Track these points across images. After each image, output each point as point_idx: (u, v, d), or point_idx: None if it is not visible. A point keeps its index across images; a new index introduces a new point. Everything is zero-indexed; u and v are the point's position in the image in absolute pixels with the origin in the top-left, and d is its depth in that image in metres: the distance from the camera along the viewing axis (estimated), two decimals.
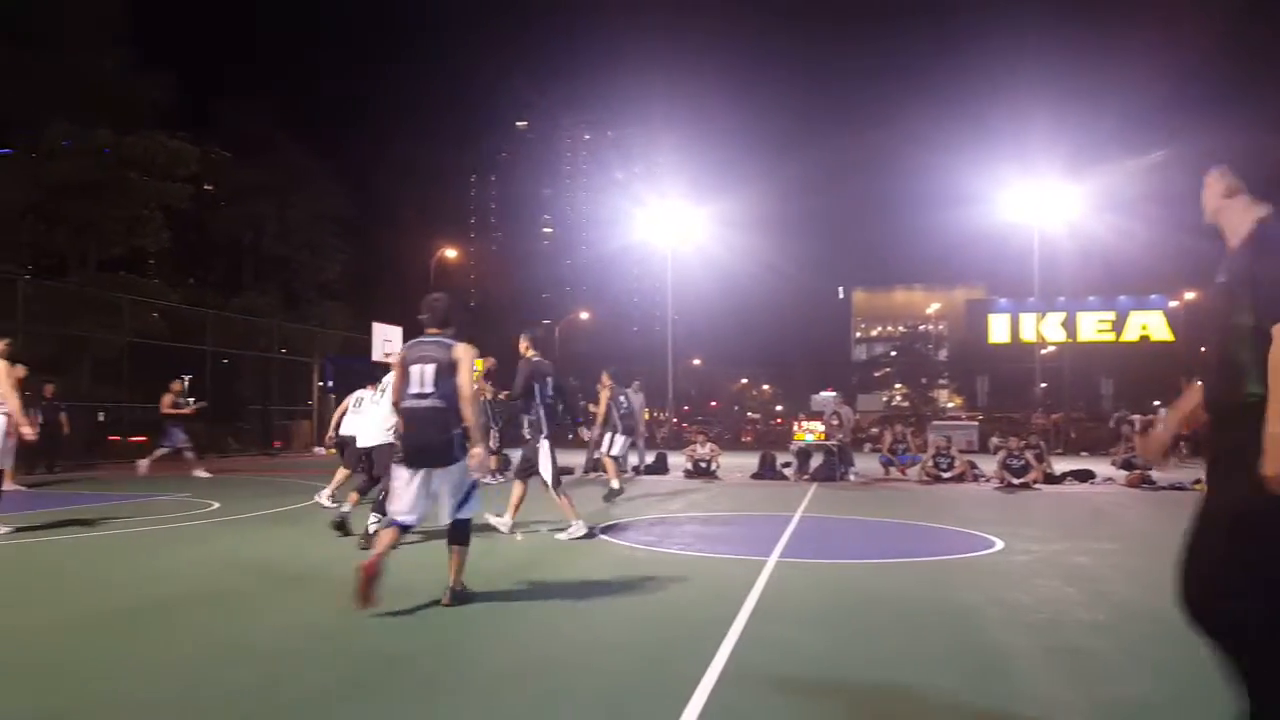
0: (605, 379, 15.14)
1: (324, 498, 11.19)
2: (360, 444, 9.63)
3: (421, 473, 5.78)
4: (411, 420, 5.84)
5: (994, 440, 27.92)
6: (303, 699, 4.05)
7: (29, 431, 9.44)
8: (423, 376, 5.83)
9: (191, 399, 17.92)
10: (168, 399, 17.38)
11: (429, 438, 5.77)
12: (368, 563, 5.43)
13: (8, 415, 9.26)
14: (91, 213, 29.20)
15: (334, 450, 11.73)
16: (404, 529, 5.79)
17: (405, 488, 5.81)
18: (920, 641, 5.13)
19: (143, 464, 17.53)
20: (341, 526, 8.79)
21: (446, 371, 5.81)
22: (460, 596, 5.86)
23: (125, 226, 30.29)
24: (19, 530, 9.10)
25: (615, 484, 13.50)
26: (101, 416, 26.37)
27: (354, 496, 9.22)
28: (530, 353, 9.09)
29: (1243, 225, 3.14)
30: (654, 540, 9.03)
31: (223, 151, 37.26)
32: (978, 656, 4.82)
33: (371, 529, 8.44)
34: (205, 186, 37.29)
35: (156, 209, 30.67)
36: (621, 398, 14.82)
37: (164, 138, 30.17)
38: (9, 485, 13.47)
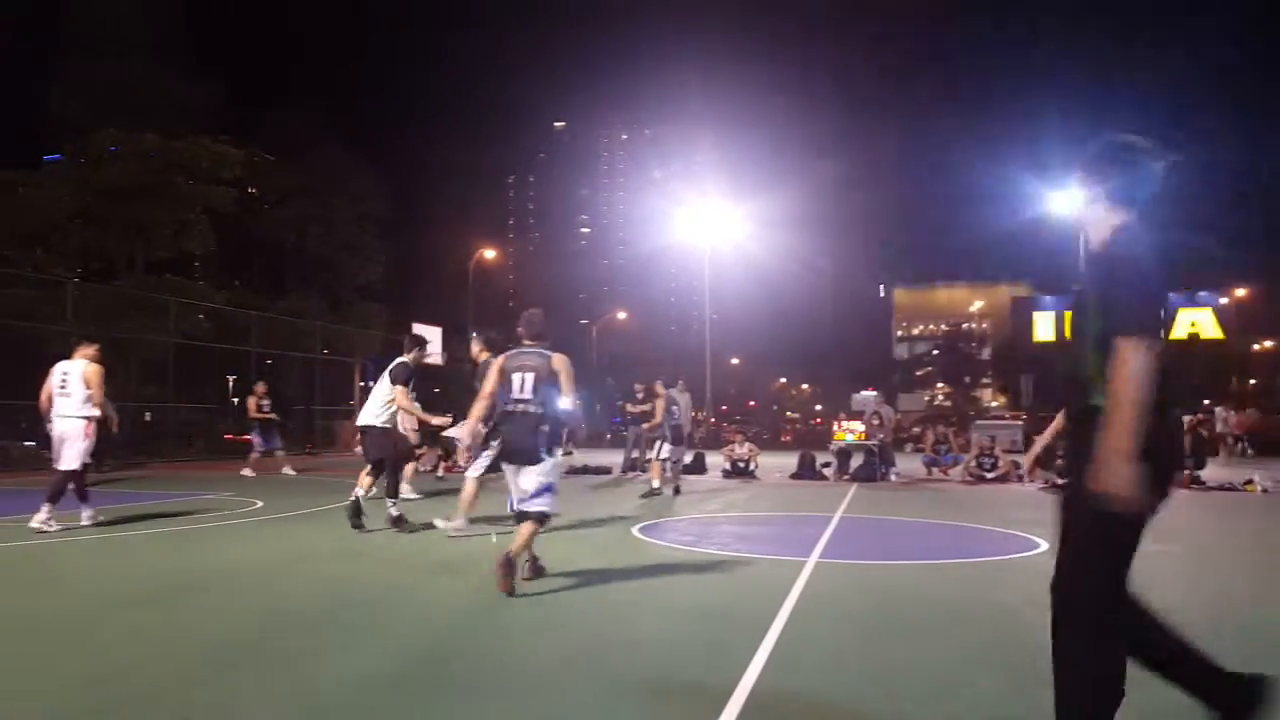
0: (659, 388, 15.18)
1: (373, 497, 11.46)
2: (359, 423, 9.90)
3: (513, 469, 6.39)
4: (509, 422, 6.35)
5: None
6: (341, 694, 4.07)
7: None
8: (523, 383, 6.34)
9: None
10: (253, 401, 17.87)
11: (523, 438, 6.28)
12: (530, 560, 6.53)
13: (88, 419, 9.54)
14: (139, 216, 29.71)
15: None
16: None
17: (511, 481, 6.47)
18: (961, 643, 5.07)
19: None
20: (358, 514, 9.16)
21: (545, 379, 6.33)
22: (507, 565, 6.04)
23: (172, 230, 30.79)
24: (68, 529, 9.24)
25: (656, 483, 13.72)
26: (149, 416, 26.79)
27: (367, 482, 9.50)
28: (485, 355, 9.09)
29: (1100, 233, 3.13)
30: (692, 540, 9.01)
31: (265, 155, 37.71)
32: (1019, 659, 4.75)
33: (393, 514, 9.15)
34: (249, 190, 37.76)
35: (202, 212, 31.12)
36: (675, 407, 14.86)
37: (208, 142, 30.61)
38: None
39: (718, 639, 5.10)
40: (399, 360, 9.69)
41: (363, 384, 33.59)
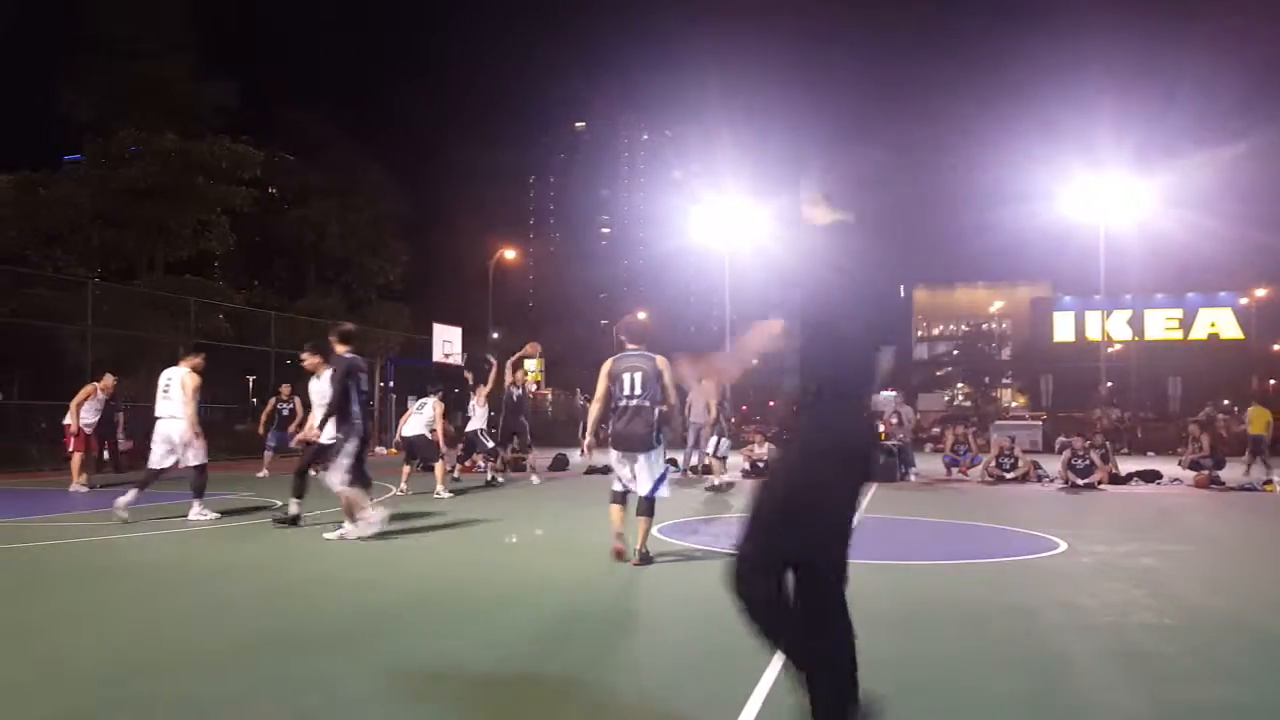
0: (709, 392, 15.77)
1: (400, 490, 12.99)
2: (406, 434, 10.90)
3: (628, 455, 7.32)
4: (623, 417, 7.29)
5: (1061, 440, 27.57)
6: (354, 696, 4.07)
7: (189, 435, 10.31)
8: (632, 382, 7.29)
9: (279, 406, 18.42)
10: (271, 402, 18.43)
11: (636, 430, 7.25)
12: (615, 538, 7.40)
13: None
14: (159, 216, 29.84)
15: (394, 450, 12.40)
16: (624, 498, 7.51)
17: (618, 468, 7.47)
18: (982, 644, 5.04)
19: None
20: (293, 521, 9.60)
21: (651, 378, 7.28)
22: (645, 558, 7.26)
23: (192, 230, 30.92)
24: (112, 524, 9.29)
25: (717, 481, 14.67)
26: None
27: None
28: (340, 349, 9.08)
29: (816, 223, 3.42)
30: (711, 540, 8.98)
31: (285, 155, 37.81)
32: (1040, 659, 4.72)
33: (291, 512, 9.70)
34: (269, 190, 37.87)
35: (222, 213, 31.24)
36: (725, 403, 15.32)
37: (228, 142, 30.72)
38: (77, 487, 13.85)
39: (736, 639, 5.06)
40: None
41: (382, 384, 33.71)
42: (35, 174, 29.11)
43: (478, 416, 15.75)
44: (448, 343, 30.69)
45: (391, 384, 33.31)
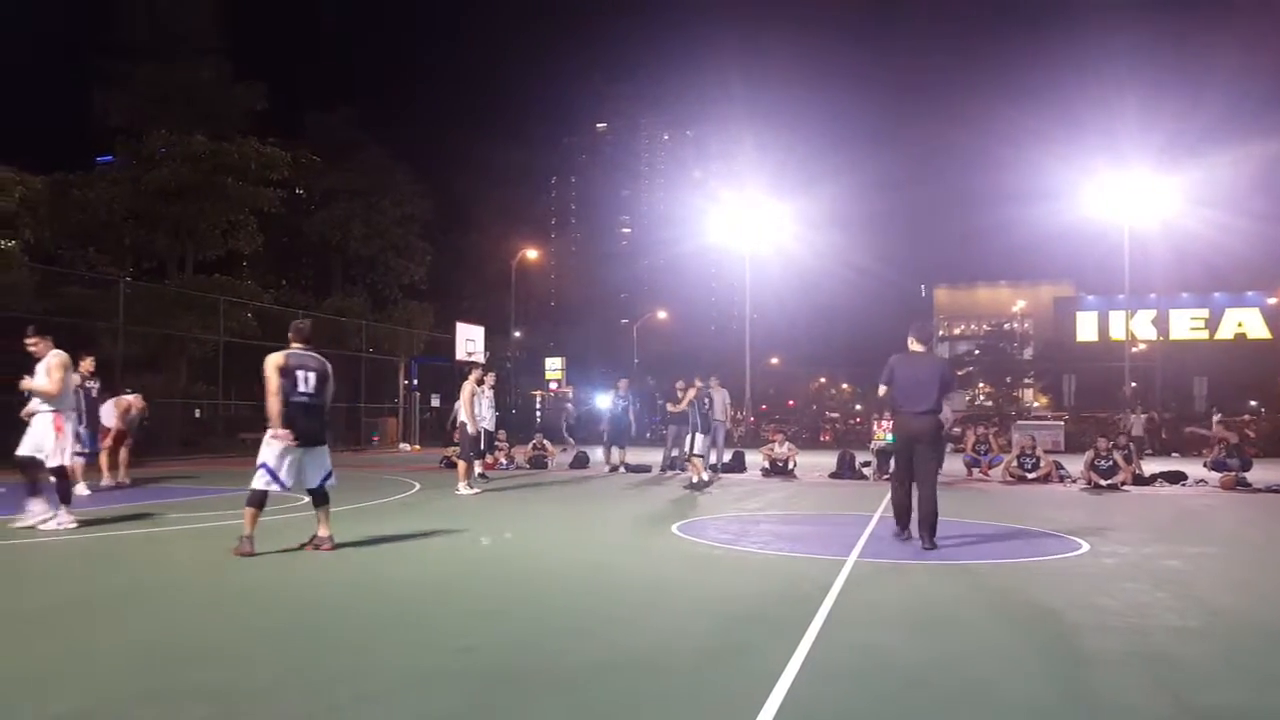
0: (692, 382, 15.97)
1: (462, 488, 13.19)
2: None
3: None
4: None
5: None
6: (381, 689, 4.16)
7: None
8: (305, 379, 7.65)
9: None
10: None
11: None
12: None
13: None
14: (189, 217, 30.20)
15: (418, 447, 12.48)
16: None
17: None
18: (1002, 645, 5.08)
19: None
20: None
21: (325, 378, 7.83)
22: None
23: (221, 230, 31.28)
24: (88, 524, 9.41)
25: (695, 478, 14.41)
26: (199, 413, 27.23)
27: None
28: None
29: (914, 348, 8.72)
30: (731, 539, 9.05)
31: (313, 156, 38.03)
32: (1062, 661, 4.76)
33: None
34: (296, 191, 38.16)
35: (251, 213, 31.56)
36: (706, 399, 15.43)
37: (257, 144, 31.01)
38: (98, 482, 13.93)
39: (756, 638, 5.14)
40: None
41: (406, 382, 33.94)
42: (69, 175, 29.51)
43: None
44: (470, 341, 30.88)
45: (415, 382, 33.53)
